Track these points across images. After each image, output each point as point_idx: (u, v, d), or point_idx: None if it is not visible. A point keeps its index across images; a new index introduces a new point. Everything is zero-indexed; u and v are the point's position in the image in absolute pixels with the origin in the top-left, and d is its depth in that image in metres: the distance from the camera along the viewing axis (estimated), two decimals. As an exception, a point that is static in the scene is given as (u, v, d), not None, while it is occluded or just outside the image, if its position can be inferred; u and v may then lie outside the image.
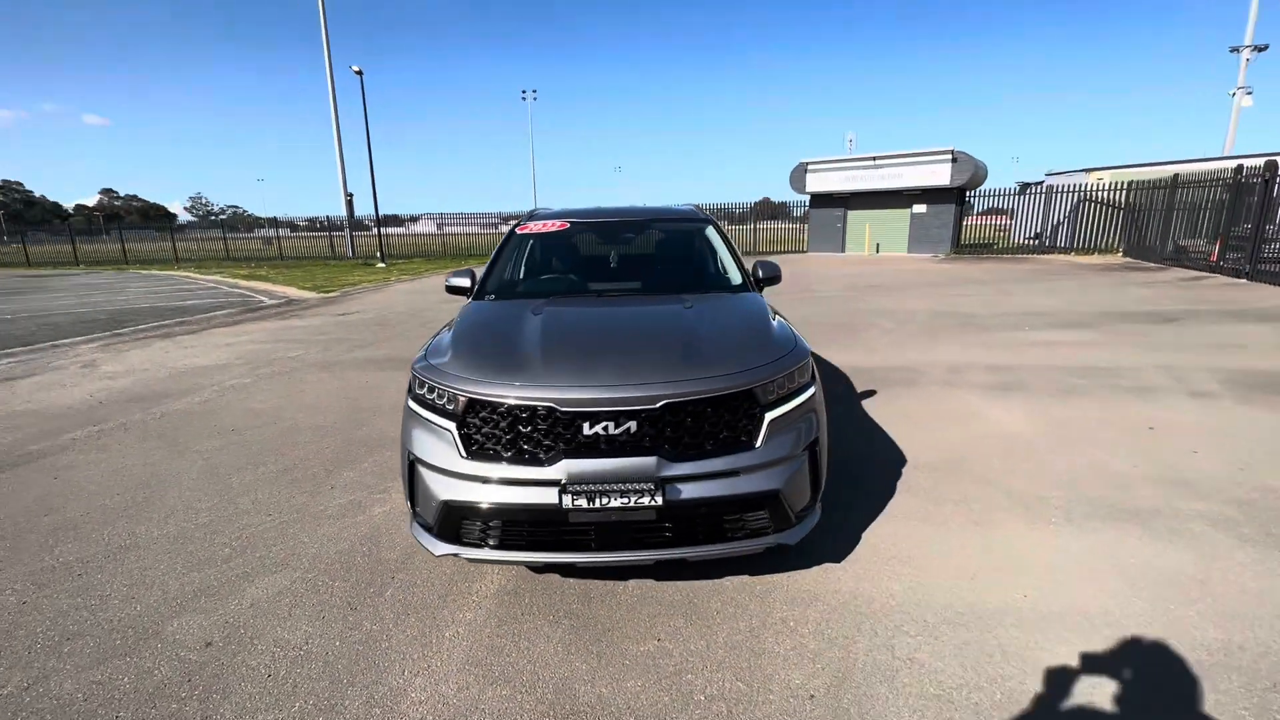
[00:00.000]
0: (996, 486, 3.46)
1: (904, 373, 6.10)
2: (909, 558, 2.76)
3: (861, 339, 7.87)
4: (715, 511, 2.21)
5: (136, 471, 4.00)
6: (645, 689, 2.02)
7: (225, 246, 33.81)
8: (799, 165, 24.83)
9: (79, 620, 2.44)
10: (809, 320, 9.43)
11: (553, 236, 3.96)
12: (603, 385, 2.18)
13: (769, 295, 3.70)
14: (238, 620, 2.42)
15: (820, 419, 2.55)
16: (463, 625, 2.36)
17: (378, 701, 1.99)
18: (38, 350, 8.42)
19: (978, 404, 5.02)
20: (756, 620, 2.36)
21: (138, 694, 2.04)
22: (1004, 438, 4.23)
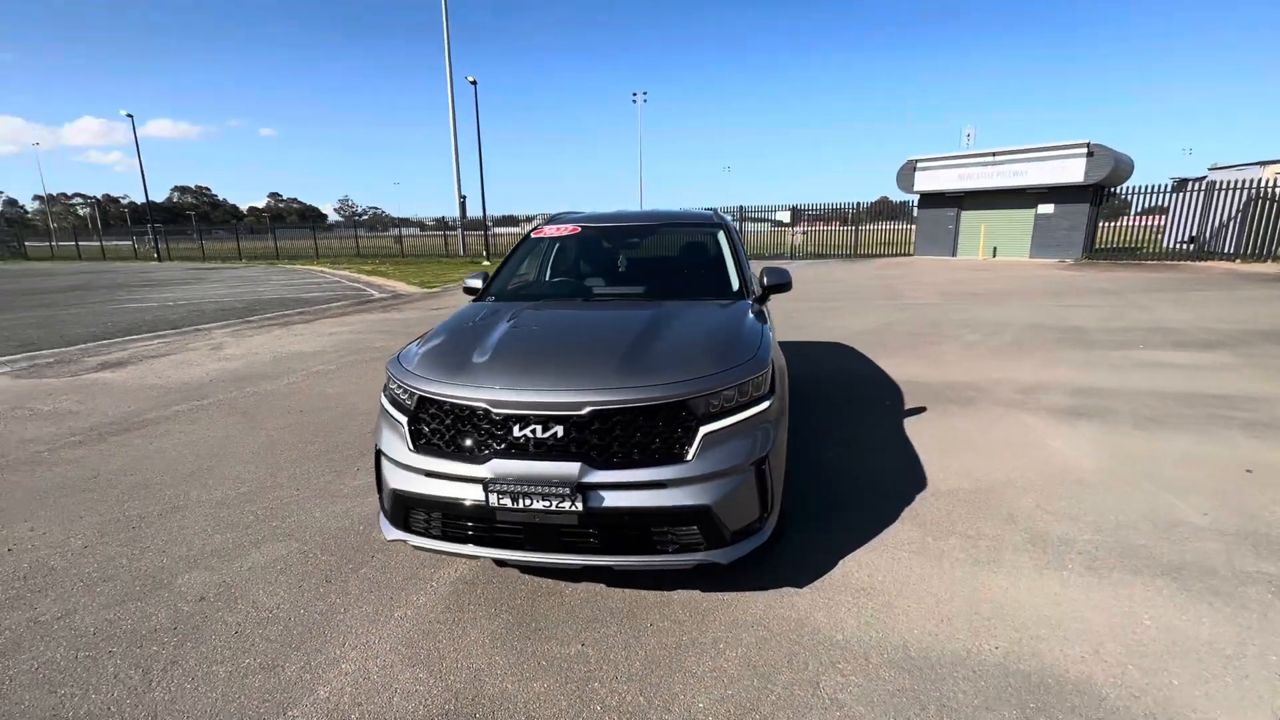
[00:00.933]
0: (1019, 524, 3.10)
1: (967, 390, 5.59)
2: (879, 591, 2.56)
3: (934, 351, 7.29)
4: (641, 522, 2.18)
5: (212, 442, 4.59)
6: (549, 691, 2.04)
7: (356, 244, 37.46)
8: (907, 163, 23.32)
9: (117, 566, 2.86)
10: (884, 329, 8.88)
11: (564, 240, 4.06)
12: (534, 389, 2.23)
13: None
14: (233, 580, 2.73)
15: (775, 434, 2.43)
16: (412, 608, 2.51)
17: (311, 668, 2.17)
18: (183, 333, 9.83)
19: (1040, 429, 4.50)
20: (688, 637, 2.30)
21: (133, 634, 2.37)
22: (1054, 470, 3.77)
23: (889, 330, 8.79)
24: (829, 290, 14.31)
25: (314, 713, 1.96)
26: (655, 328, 2.71)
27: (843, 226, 26.90)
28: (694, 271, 3.73)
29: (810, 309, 11.22)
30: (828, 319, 9.97)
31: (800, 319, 10.04)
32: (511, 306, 3.24)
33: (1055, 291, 12.90)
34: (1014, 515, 3.19)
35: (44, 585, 2.71)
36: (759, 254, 27.46)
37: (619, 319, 2.92)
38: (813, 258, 26.36)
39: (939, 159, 22.67)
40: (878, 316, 10.12)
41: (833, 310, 10.99)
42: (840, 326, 9.18)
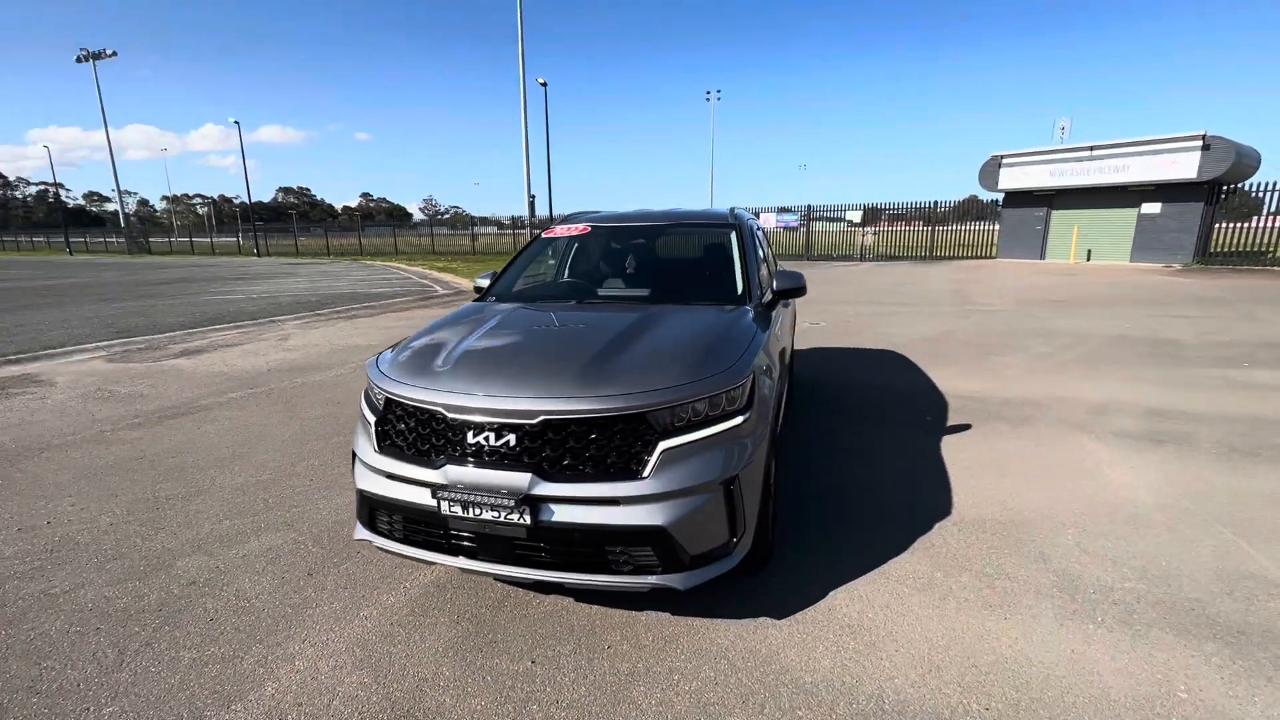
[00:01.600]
0: (1049, 564, 2.75)
1: (1025, 407, 5.09)
2: (867, 630, 2.32)
3: (996, 363, 6.72)
4: (594, 540, 2.06)
5: (252, 429, 4.84)
6: (484, 711, 1.97)
7: (432, 242, 39.16)
8: (991, 159, 21.81)
9: (130, 546, 3.04)
10: (944, 337, 8.30)
11: (572, 241, 3.98)
12: (488, 395, 2.15)
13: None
14: (225, 567, 2.83)
15: (752, 452, 2.25)
16: (379, 608, 2.50)
17: (267, 663, 2.19)
18: (259, 324, 10.54)
19: (1100, 456, 4.02)
20: (644, 665, 2.16)
21: (123, 613, 2.49)
22: (1107, 503, 3.34)
23: (949, 338, 8.20)
24: (893, 294, 13.58)
25: (256, 709, 1.97)
26: (633, 333, 2.58)
27: (922, 227, 25.42)
28: (698, 274, 3.56)
29: (868, 313, 10.67)
30: (885, 324, 9.44)
31: (856, 324, 9.57)
32: (503, 308, 3.19)
33: (1154, 300, 11.66)
34: (1046, 553, 2.84)
35: (64, 559, 2.91)
36: (827, 255, 26.54)
37: (599, 323, 2.80)
38: (884, 259, 25.18)
39: (1027, 154, 21.07)
40: (940, 323, 9.48)
41: (892, 315, 10.40)
42: (897, 333, 8.66)
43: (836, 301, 12.48)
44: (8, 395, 5.95)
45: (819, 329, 9.19)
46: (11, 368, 7.17)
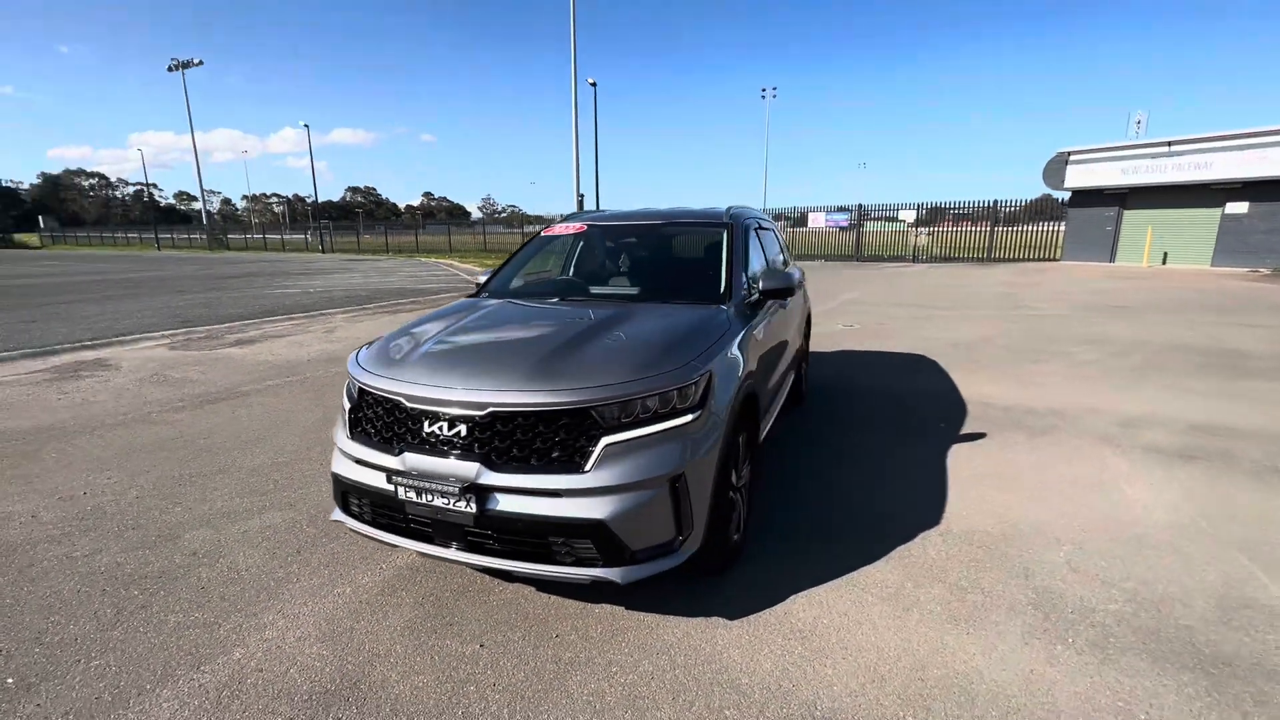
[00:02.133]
0: (1031, 581, 2.63)
1: (1050, 416, 4.84)
2: (818, 636, 2.29)
3: (1032, 370, 6.40)
4: (537, 530, 2.12)
5: (279, 415, 5.15)
6: (425, 687, 2.05)
7: (484, 240, 40.23)
8: (1057, 155, 20.64)
9: (150, 517, 3.30)
10: (983, 342, 7.95)
11: (568, 239, 4.05)
12: (443, 386, 2.24)
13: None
14: (225, 541, 3.04)
15: (704, 450, 2.25)
16: (353, 587, 2.64)
17: (240, 631, 2.35)
18: (310, 317, 11.13)
19: (1120, 471, 3.78)
20: (585, 655, 2.20)
21: (128, 577, 2.71)
22: (1114, 521, 3.15)
23: (988, 343, 7.85)
24: (939, 296, 13.08)
25: (220, 671, 2.13)
26: (597, 330, 2.62)
27: (982, 227, 24.25)
28: (685, 272, 3.55)
29: (908, 316, 10.33)
30: (924, 328, 9.12)
31: (892, 326, 9.28)
32: (489, 304, 3.29)
33: (1227, 307, 10.80)
34: (1030, 569, 2.71)
35: (91, 527, 3.19)
36: (877, 256, 25.76)
37: (569, 320, 2.85)
38: (938, 261, 24.23)
39: (1097, 150, 19.83)
40: (983, 327, 9.08)
41: (934, 318, 10.03)
42: (934, 337, 8.35)
43: (877, 303, 12.13)
44: (78, 377, 6.52)
45: (851, 331, 8.97)
46: (87, 353, 7.85)
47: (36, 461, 4.11)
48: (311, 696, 2.01)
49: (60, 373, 6.71)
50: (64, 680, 2.09)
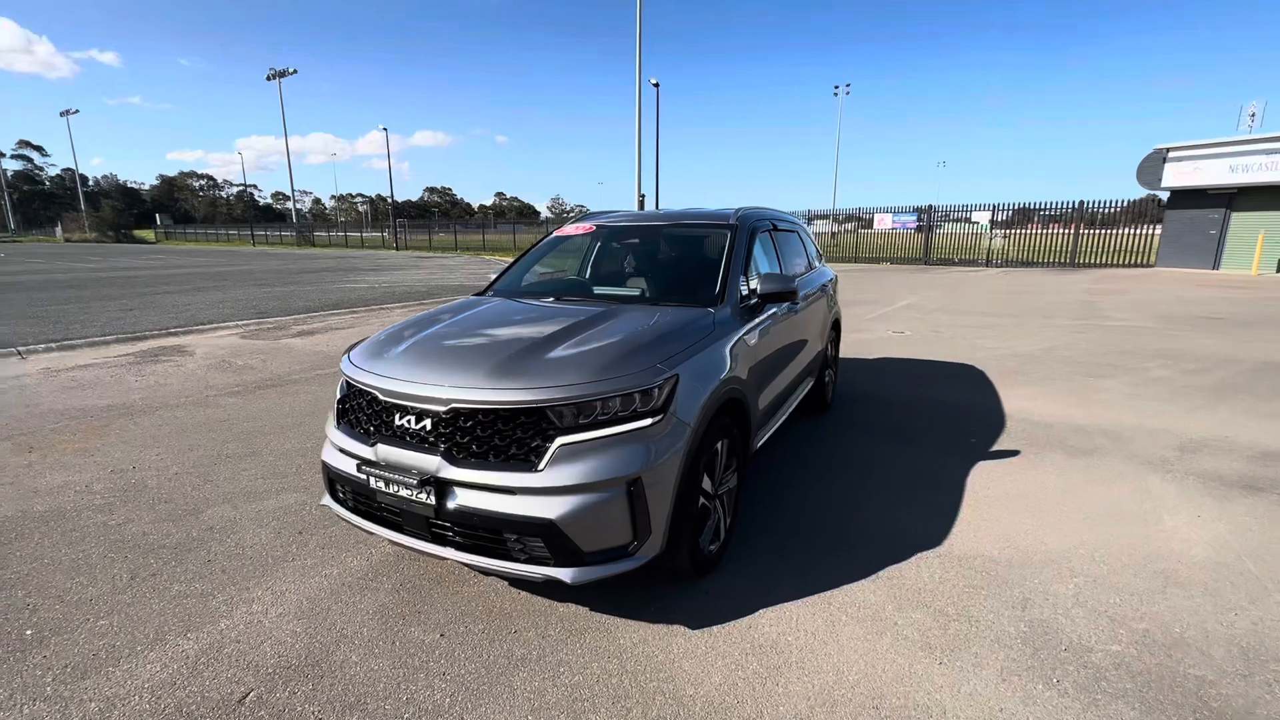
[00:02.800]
0: (1026, 614, 2.43)
1: (1099, 437, 4.46)
2: (779, 652, 2.21)
3: (1091, 386, 5.92)
4: (492, 525, 2.15)
5: (320, 402, 5.46)
6: (379, 672, 2.13)
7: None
8: (1154, 153, 18.96)
9: (182, 493, 3.58)
10: (1043, 354, 7.43)
11: (577, 240, 4.07)
12: (413, 382, 2.31)
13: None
14: (240, 518, 3.26)
15: (662, 455, 2.22)
16: (340, 568, 2.77)
17: (230, 603, 2.52)
18: (371, 310, 11.73)
19: (1165, 499, 3.44)
20: (537, 653, 2.22)
21: (149, 547, 2.96)
22: (1143, 554, 2.87)
23: (1048, 356, 7.32)
24: (1006, 303, 12.30)
25: (203, 639, 2.28)
26: (574, 330, 2.63)
27: (1066, 230, 22.55)
28: (682, 274, 3.50)
29: (966, 324, 9.78)
30: (981, 337, 8.61)
31: (948, 334, 8.82)
32: (487, 303, 3.37)
33: (1346, 322, 9.59)
34: (1030, 601, 2.51)
35: (130, 499, 3.50)
36: (946, 259, 24.51)
37: (552, 319, 2.86)
38: (1014, 265, 22.78)
39: (1201, 146, 18.07)
40: (1047, 337, 8.48)
41: (995, 327, 9.45)
42: (989, 346, 7.88)
43: (935, 309, 11.54)
44: (156, 361, 7.15)
45: (901, 338, 8.59)
46: (169, 339, 8.59)
47: (103, 437, 4.54)
48: (275, 671, 2.13)
49: (143, 357, 7.38)
50: (71, 636, 2.30)
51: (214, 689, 2.04)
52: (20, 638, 2.29)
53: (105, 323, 9.69)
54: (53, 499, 3.47)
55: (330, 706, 1.97)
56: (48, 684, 2.06)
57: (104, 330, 9.04)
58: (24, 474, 3.83)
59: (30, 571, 2.73)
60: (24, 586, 2.62)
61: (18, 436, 4.51)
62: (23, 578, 2.69)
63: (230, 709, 1.95)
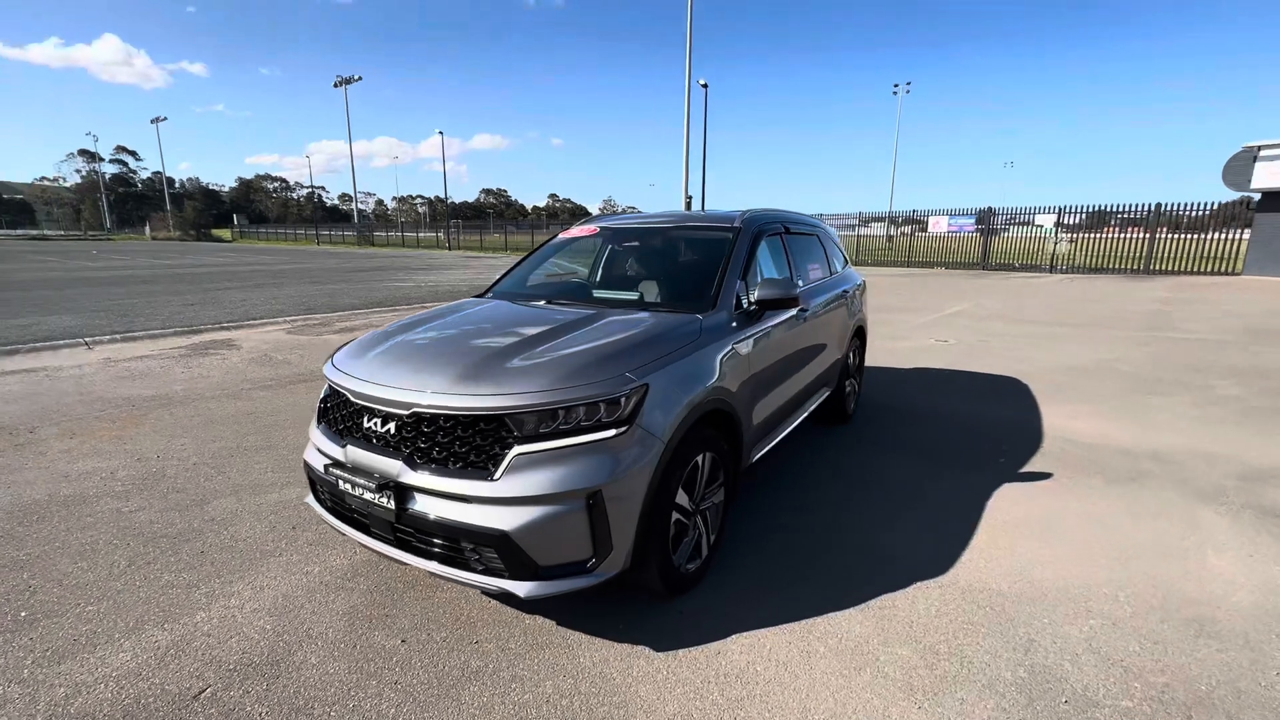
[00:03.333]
0: (1031, 656, 2.21)
1: (1147, 461, 4.08)
2: (744, 683, 2.07)
3: (1148, 404, 5.44)
4: (449, 533, 2.11)
5: (342, 399, 5.60)
6: (335, 675, 2.11)
7: (596, 240, 41.40)
8: (1243, 151, 17.42)
9: (194, 483, 3.71)
10: (1098, 368, 6.91)
11: (580, 242, 4.00)
12: (380, 385, 2.29)
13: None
14: (240, 511, 3.34)
15: (626, 467, 2.12)
16: (321, 567, 2.79)
17: (211, 594, 2.57)
18: (411, 308, 12.03)
19: (1213, 535, 3.10)
20: (493, 666, 2.16)
21: (151, 535, 3.06)
22: (1177, 597, 2.58)
23: (1105, 369, 6.80)
24: (1067, 312, 11.55)
25: (177, 630, 2.33)
26: (551, 335, 2.56)
27: (1143, 234, 20.96)
28: (678, 278, 3.38)
29: (1019, 333, 9.22)
30: (1033, 348, 8.10)
31: (996, 344, 8.34)
32: (478, 306, 3.35)
33: None
34: (1035, 643, 2.28)
35: (147, 487, 3.65)
36: (1007, 264, 23.29)
37: (536, 323, 2.80)
38: (1082, 272, 21.42)
39: (1299, 143, 16.47)
40: (1107, 350, 7.89)
41: (1050, 337, 8.88)
42: (1040, 359, 7.39)
43: (986, 317, 10.95)
44: (205, 354, 7.53)
45: (944, 348, 8.16)
46: (222, 333, 9.05)
47: (139, 425, 4.79)
48: (236, 668, 2.14)
49: (194, 350, 7.78)
50: (59, 620, 2.39)
51: (174, 683, 2.07)
52: (15, 619, 2.40)
53: (167, 316, 10.30)
54: (79, 484, 3.66)
55: (278, 709, 1.96)
56: (26, 666, 2.14)
57: (165, 324, 9.61)
58: (60, 459, 4.06)
59: (40, 554, 2.87)
60: (31, 568, 2.75)
61: (64, 422, 4.81)
62: (32, 559, 2.83)
63: (184, 704, 1.97)
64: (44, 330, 8.82)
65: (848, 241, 28.93)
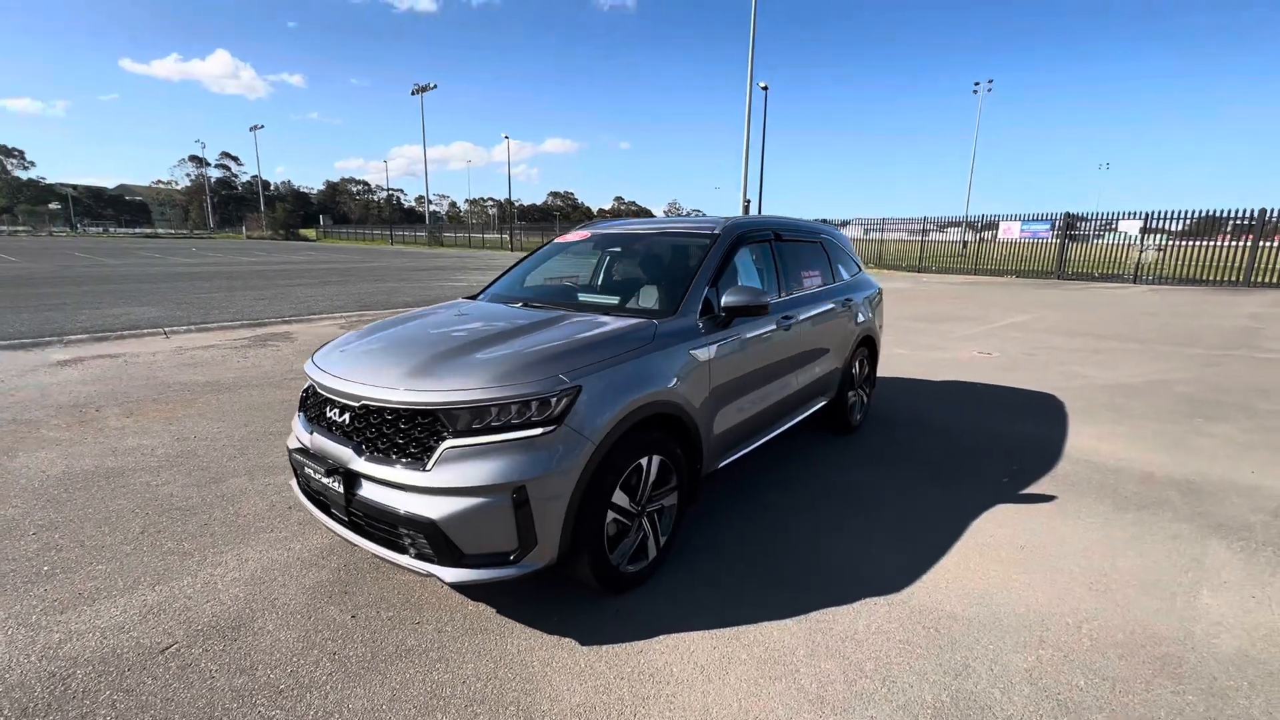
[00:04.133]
0: (961, 684, 2.14)
1: (1170, 489, 3.79)
2: (655, 683, 2.12)
3: (1197, 427, 5.03)
4: (389, 519, 2.26)
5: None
6: (285, 643, 2.30)
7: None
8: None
9: (217, 462, 4.07)
10: (1150, 387, 6.42)
11: (571, 247, 4.10)
12: (340, 379, 2.47)
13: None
14: (249, 489, 3.65)
15: (553, 466, 2.20)
16: (304, 544, 3.02)
17: (201, 563, 2.83)
18: (459, 307, 12.54)
19: (1219, 571, 2.87)
20: (425, 646, 2.29)
21: (167, 505, 3.40)
22: (1151, 635, 2.41)
23: (1157, 389, 6.31)
24: (1138, 326, 10.73)
25: (164, 592, 2.60)
26: (509, 335, 2.69)
27: (1241, 242, 19.02)
28: (651, 284, 3.40)
29: (1074, 348, 8.67)
30: (1084, 363, 7.61)
31: (1043, 358, 7.88)
32: (460, 306, 3.53)
33: None
34: (970, 669, 2.20)
35: (178, 464, 4.04)
36: (1085, 273, 21.77)
37: (499, 323, 2.92)
38: (1172, 282, 19.73)
39: None
40: (1167, 368, 7.31)
41: (1106, 352, 8.30)
42: (1087, 375, 6.95)
43: (1044, 330, 10.32)
44: (263, 345, 8.16)
45: (985, 360, 7.79)
46: (282, 326, 9.76)
47: (188, 408, 5.28)
48: (202, 629, 2.37)
49: (255, 341, 8.44)
50: (73, 576, 2.71)
51: (149, 638, 2.32)
52: (38, 572, 2.74)
53: (239, 310, 11.20)
54: (123, 459, 4.09)
55: (227, 668, 2.17)
56: (34, 613, 2.45)
57: (235, 316, 10.46)
58: (114, 435, 4.54)
59: (74, 517, 3.25)
60: (63, 529, 3.13)
61: (127, 403, 5.36)
62: (65, 522, 3.21)
63: (150, 656, 2.21)
64: (132, 320, 9.79)
65: (910, 247, 27.80)
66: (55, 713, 1.95)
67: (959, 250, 26.47)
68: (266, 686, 2.08)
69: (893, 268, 26.83)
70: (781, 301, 3.67)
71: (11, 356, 7.12)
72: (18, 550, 2.91)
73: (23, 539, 3.02)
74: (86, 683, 2.08)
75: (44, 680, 2.09)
